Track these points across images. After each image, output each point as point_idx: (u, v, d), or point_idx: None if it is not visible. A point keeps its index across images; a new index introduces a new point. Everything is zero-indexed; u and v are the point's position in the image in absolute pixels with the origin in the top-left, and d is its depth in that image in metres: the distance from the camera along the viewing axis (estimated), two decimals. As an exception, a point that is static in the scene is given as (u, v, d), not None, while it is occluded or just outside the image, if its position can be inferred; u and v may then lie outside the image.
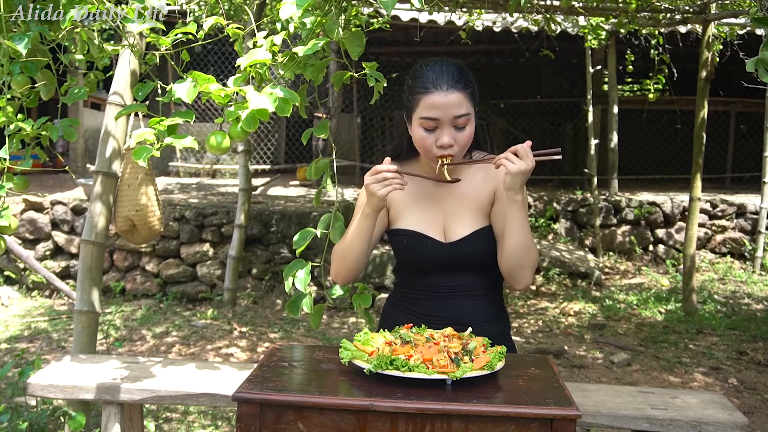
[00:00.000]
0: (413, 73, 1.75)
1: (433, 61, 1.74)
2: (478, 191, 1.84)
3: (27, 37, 1.69)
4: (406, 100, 1.75)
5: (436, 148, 1.70)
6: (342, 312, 5.58)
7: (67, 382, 2.08)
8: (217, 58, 9.02)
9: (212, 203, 6.21)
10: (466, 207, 1.84)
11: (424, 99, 1.68)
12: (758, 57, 1.51)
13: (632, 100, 9.71)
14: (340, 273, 1.86)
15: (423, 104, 1.68)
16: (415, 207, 1.84)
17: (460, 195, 1.84)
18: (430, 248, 1.78)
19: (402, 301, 1.91)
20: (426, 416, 1.38)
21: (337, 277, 1.88)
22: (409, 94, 1.73)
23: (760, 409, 3.73)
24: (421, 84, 1.69)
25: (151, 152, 1.63)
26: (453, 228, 1.83)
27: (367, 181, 1.66)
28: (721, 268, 6.82)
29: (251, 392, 1.42)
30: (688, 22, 5.78)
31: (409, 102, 1.73)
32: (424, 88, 1.69)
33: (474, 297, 1.83)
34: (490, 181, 1.85)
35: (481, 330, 1.75)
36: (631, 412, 1.93)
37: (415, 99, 1.70)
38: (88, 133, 8.09)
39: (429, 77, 1.69)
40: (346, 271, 1.84)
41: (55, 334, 4.75)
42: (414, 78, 1.73)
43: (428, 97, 1.68)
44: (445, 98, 1.67)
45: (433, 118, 1.68)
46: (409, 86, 1.74)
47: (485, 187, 1.85)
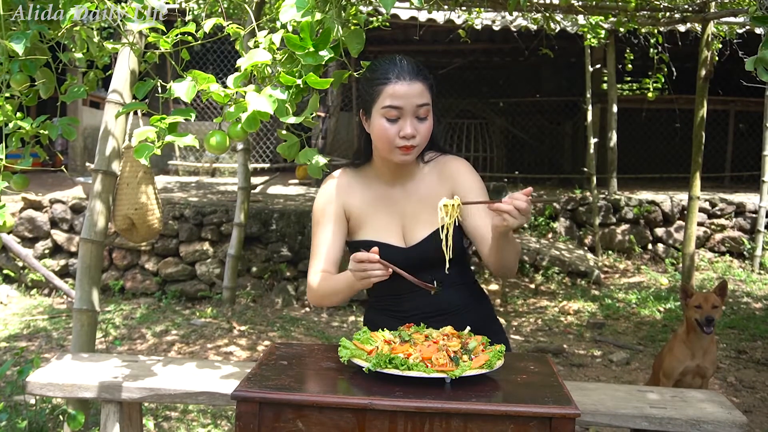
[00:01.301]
0: (371, 67, 1.77)
1: (390, 56, 1.76)
2: (433, 191, 1.84)
3: (25, 37, 1.69)
4: (364, 94, 1.75)
5: (399, 138, 1.70)
6: (341, 311, 5.58)
7: (66, 381, 2.08)
8: (216, 56, 9.02)
9: (211, 202, 6.21)
10: (423, 209, 1.84)
11: (386, 89, 1.69)
12: (757, 56, 1.52)
13: (631, 98, 9.70)
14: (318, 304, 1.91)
15: (385, 94, 1.69)
16: (374, 215, 1.86)
17: (416, 197, 1.86)
18: (391, 255, 1.71)
19: (383, 305, 1.92)
20: (425, 415, 1.38)
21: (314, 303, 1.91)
22: (369, 87, 1.73)
23: (758, 407, 3.74)
24: (382, 75, 1.71)
25: (152, 150, 1.63)
26: (412, 231, 1.84)
27: (352, 267, 1.64)
28: (720, 267, 6.83)
29: (250, 391, 1.42)
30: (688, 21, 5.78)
31: (369, 95, 1.73)
32: (386, 79, 1.70)
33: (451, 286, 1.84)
34: (445, 181, 1.86)
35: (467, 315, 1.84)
36: (630, 411, 1.94)
37: (377, 90, 1.71)
38: (87, 131, 8.08)
39: (390, 69, 1.71)
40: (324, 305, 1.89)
41: (55, 333, 4.75)
42: (373, 71, 1.75)
43: (391, 86, 1.69)
44: (408, 87, 1.69)
45: (396, 107, 1.68)
46: (368, 79, 1.75)
47: (441, 187, 1.85)
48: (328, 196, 1.87)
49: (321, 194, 1.88)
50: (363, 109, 1.78)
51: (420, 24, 7.04)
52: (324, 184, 1.91)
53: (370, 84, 1.73)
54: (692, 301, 3.09)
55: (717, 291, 3.12)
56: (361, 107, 1.78)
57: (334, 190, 1.88)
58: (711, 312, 3.03)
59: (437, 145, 1.90)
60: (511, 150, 10.12)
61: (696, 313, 3.05)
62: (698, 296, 3.11)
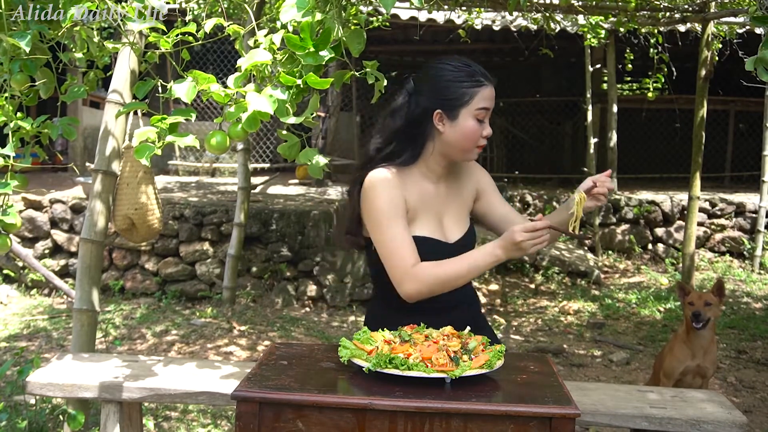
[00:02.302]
0: (451, 68, 1.82)
1: (464, 58, 1.85)
2: (462, 190, 1.97)
3: (27, 36, 1.69)
4: (448, 95, 1.80)
5: (481, 138, 1.83)
6: (342, 311, 5.58)
7: (66, 381, 2.08)
8: (216, 56, 9.02)
9: (211, 202, 6.21)
10: (456, 206, 1.95)
11: (481, 91, 1.80)
12: (757, 56, 1.52)
13: (631, 98, 9.71)
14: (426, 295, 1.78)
15: (481, 96, 1.80)
16: (422, 211, 1.88)
17: (452, 195, 1.95)
18: (439, 250, 1.83)
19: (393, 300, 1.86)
20: (425, 415, 1.38)
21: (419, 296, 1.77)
22: (457, 89, 1.79)
23: (758, 407, 3.74)
24: (472, 77, 1.80)
25: (152, 150, 1.63)
26: (450, 228, 1.92)
27: (521, 238, 1.67)
28: (720, 267, 6.83)
29: (250, 391, 1.43)
30: (688, 21, 5.78)
31: (458, 96, 1.79)
32: (479, 82, 1.80)
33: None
34: (469, 178, 2.00)
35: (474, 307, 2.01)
36: (630, 411, 1.94)
37: (471, 92, 1.79)
38: (87, 131, 8.08)
39: (479, 71, 1.81)
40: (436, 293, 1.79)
41: (55, 333, 4.75)
42: (459, 71, 1.81)
43: (485, 89, 1.80)
44: (492, 91, 1.83)
45: (487, 108, 1.81)
46: (453, 81, 1.80)
47: (469, 183, 1.99)
48: (391, 190, 1.80)
49: (381, 189, 1.80)
50: (442, 109, 1.80)
51: (420, 24, 7.04)
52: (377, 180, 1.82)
53: (458, 86, 1.79)
54: (688, 298, 3.11)
55: (714, 290, 3.12)
56: (439, 108, 1.80)
57: (395, 185, 1.82)
58: (702, 309, 3.03)
59: None
60: (511, 150, 10.12)
61: (689, 310, 3.07)
62: (693, 294, 3.12)
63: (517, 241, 1.68)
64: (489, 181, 2.03)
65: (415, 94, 1.86)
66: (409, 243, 1.78)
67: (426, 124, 1.83)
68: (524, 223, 1.72)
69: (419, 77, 1.89)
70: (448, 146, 1.84)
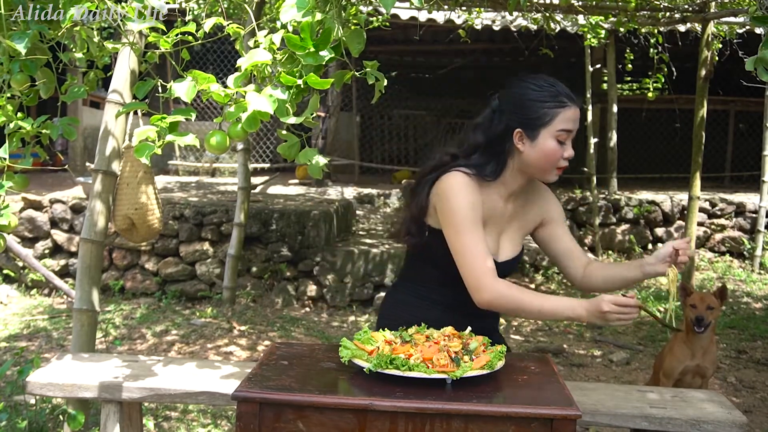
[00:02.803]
0: (534, 87, 1.81)
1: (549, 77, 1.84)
2: (528, 213, 1.98)
3: (27, 36, 1.69)
4: (530, 114, 1.79)
5: (562, 160, 1.81)
6: (342, 311, 5.58)
7: (66, 381, 2.08)
8: (216, 56, 9.02)
9: (211, 202, 6.21)
10: (516, 227, 1.96)
11: (564, 112, 1.78)
12: (757, 56, 1.51)
13: (631, 98, 9.70)
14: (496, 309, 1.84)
15: (563, 117, 1.78)
16: (488, 225, 1.88)
17: (515, 214, 1.95)
18: None
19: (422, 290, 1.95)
20: (426, 416, 1.38)
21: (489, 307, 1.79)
22: (539, 108, 1.78)
23: (758, 407, 3.74)
24: (555, 98, 1.79)
25: (153, 149, 1.63)
26: (504, 247, 1.94)
27: (607, 309, 1.67)
28: (720, 267, 6.83)
29: (251, 391, 1.42)
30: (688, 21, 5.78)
31: (540, 116, 1.78)
32: (562, 103, 1.79)
33: None
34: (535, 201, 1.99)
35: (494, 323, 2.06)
36: (630, 411, 1.94)
37: (553, 113, 1.78)
38: (87, 131, 8.08)
39: (563, 92, 1.81)
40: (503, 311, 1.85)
41: (55, 333, 4.75)
42: (542, 91, 1.80)
43: (567, 110, 1.79)
44: (577, 113, 1.81)
45: (569, 130, 1.79)
46: (539, 101, 1.79)
47: (533, 210, 1.99)
48: (473, 195, 1.81)
49: (465, 193, 1.80)
50: (523, 128, 1.80)
51: (420, 24, 7.04)
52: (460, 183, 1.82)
53: (540, 106, 1.78)
54: (689, 299, 3.09)
55: (716, 293, 3.10)
56: (520, 127, 1.80)
57: (476, 190, 1.83)
58: (704, 313, 3.01)
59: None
60: (510, 150, 10.10)
61: (691, 312, 3.06)
62: (695, 295, 3.10)
63: (603, 311, 1.67)
64: (559, 212, 2.03)
65: (499, 112, 1.85)
66: (488, 251, 1.79)
67: (507, 142, 1.83)
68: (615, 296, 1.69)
69: (503, 94, 1.88)
70: (527, 165, 1.84)
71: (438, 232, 1.85)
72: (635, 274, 1.90)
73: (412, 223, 1.90)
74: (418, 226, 1.89)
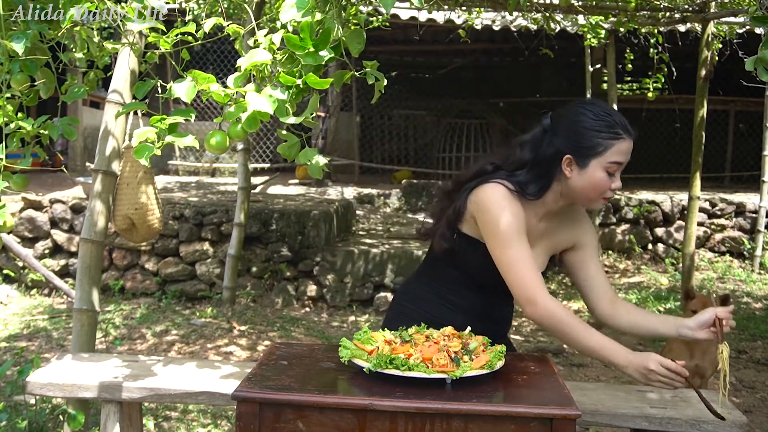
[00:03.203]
0: (594, 115, 1.77)
1: (605, 105, 1.81)
2: (559, 235, 1.95)
3: (26, 37, 1.69)
4: (583, 142, 1.76)
5: (609, 191, 1.79)
6: (342, 311, 5.58)
7: (66, 381, 2.08)
8: (216, 56, 9.02)
9: (211, 202, 6.21)
10: (543, 246, 1.93)
11: (618, 145, 1.75)
12: (757, 56, 1.51)
13: (631, 98, 9.70)
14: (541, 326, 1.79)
15: (616, 149, 1.75)
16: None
17: (546, 234, 1.92)
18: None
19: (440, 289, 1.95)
20: (425, 415, 1.38)
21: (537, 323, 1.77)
22: (594, 137, 1.75)
23: (758, 407, 3.74)
24: (613, 129, 1.75)
25: (152, 150, 1.63)
26: None
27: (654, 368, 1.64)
28: (720, 267, 6.83)
29: (251, 391, 1.42)
30: (688, 21, 5.78)
31: (594, 145, 1.75)
32: (617, 134, 1.75)
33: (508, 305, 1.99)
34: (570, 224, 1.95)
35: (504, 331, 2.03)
36: (629, 411, 1.94)
37: (607, 144, 1.74)
38: (87, 131, 8.08)
39: (619, 122, 1.76)
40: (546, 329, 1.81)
41: (55, 333, 4.75)
42: (599, 120, 1.76)
43: (622, 143, 1.75)
44: (630, 145, 1.78)
45: (620, 163, 1.76)
46: (594, 130, 1.75)
47: (565, 233, 1.95)
48: (515, 207, 1.79)
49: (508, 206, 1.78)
50: (573, 155, 1.77)
51: (420, 24, 7.04)
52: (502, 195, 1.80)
53: (594, 135, 1.75)
54: (691, 304, 3.02)
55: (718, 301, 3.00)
56: (570, 153, 1.77)
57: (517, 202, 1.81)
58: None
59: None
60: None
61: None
62: (698, 301, 3.02)
63: (650, 369, 1.64)
64: (591, 240, 1.99)
65: (550, 133, 1.82)
66: (534, 263, 1.78)
67: (555, 166, 1.80)
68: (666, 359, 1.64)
69: (557, 115, 1.85)
70: (572, 191, 1.81)
71: (468, 238, 1.85)
72: (668, 331, 1.84)
73: (447, 227, 1.88)
74: (452, 231, 1.87)
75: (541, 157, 1.81)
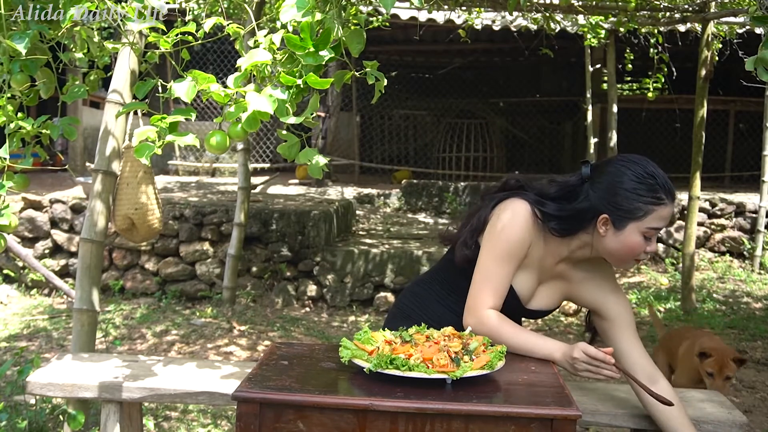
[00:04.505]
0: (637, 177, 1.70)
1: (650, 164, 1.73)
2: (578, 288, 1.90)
3: (27, 36, 1.69)
4: (625, 204, 1.69)
5: (643, 253, 1.72)
6: (341, 311, 5.58)
7: (66, 381, 2.07)
8: (216, 56, 9.02)
9: (211, 202, 6.21)
10: (558, 287, 1.90)
11: (659, 211, 1.69)
12: (757, 56, 1.51)
13: (631, 98, 9.71)
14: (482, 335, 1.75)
15: (656, 215, 1.69)
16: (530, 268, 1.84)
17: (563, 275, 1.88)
18: (513, 306, 1.83)
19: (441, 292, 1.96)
20: (426, 416, 1.38)
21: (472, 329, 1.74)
22: (636, 201, 1.68)
23: (758, 407, 3.73)
24: (656, 194, 1.69)
25: (153, 150, 1.63)
26: (538, 298, 1.90)
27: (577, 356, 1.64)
28: (720, 267, 6.83)
29: (251, 391, 1.42)
30: (688, 21, 5.78)
31: (634, 209, 1.69)
32: (659, 200, 1.69)
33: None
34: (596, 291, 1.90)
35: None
36: (630, 411, 1.94)
37: (648, 209, 1.68)
38: (87, 131, 8.08)
39: (662, 186, 1.70)
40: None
41: (55, 333, 4.75)
42: (641, 183, 1.69)
43: (663, 209, 1.70)
44: (672, 210, 1.72)
45: (659, 228, 1.70)
46: (636, 193, 1.69)
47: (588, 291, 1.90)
48: (527, 233, 1.76)
49: (521, 227, 1.75)
50: (610, 216, 1.70)
51: (420, 24, 7.04)
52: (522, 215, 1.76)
53: (636, 198, 1.68)
54: (706, 364, 2.83)
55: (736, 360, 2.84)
56: (607, 213, 1.71)
57: (533, 232, 1.77)
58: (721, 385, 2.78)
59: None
60: (511, 150, 10.12)
61: (706, 379, 2.83)
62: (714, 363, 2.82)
63: (574, 357, 1.64)
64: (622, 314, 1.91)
65: (589, 184, 1.75)
66: (504, 288, 1.77)
67: (587, 219, 1.74)
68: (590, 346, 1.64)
69: (598, 168, 1.77)
70: (604, 250, 1.76)
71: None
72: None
73: (470, 234, 1.85)
74: (474, 240, 1.84)
75: (576, 207, 1.75)
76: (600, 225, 1.72)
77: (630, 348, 1.87)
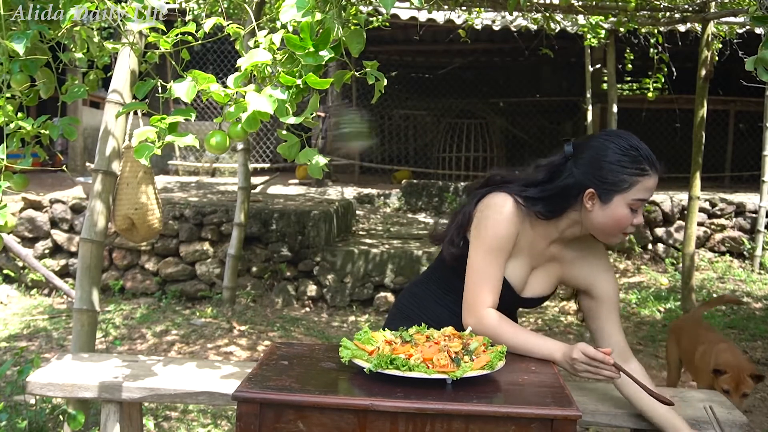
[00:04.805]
0: (620, 149, 1.71)
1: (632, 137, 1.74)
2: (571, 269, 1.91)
3: (26, 37, 1.69)
4: (609, 177, 1.70)
5: (630, 226, 1.74)
6: (342, 311, 5.58)
7: (66, 381, 2.07)
8: (216, 56, 9.02)
9: (211, 202, 6.21)
10: (552, 270, 1.90)
11: (643, 181, 1.70)
12: (757, 56, 1.51)
13: (631, 98, 9.71)
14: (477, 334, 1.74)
15: (641, 186, 1.70)
16: (521, 257, 1.84)
17: (556, 258, 1.89)
18: (507, 296, 1.83)
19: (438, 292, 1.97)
20: (426, 416, 1.38)
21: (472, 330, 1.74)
22: (620, 173, 1.70)
23: (758, 407, 3.74)
24: (640, 165, 1.70)
25: (152, 150, 1.63)
26: (532, 284, 1.90)
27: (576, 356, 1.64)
28: (720, 267, 6.83)
29: (251, 391, 1.42)
30: (688, 21, 5.78)
31: (619, 181, 1.70)
32: (643, 171, 1.70)
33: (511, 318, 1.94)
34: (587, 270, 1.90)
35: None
36: (630, 411, 1.93)
37: (633, 180, 1.70)
38: (87, 131, 8.08)
39: (645, 157, 1.71)
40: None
41: (55, 333, 4.75)
42: (624, 155, 1.71)
43: (648, 180, 1.71)
44: (656, 181, 1.73)
45: (644, 200, 1.72)
46: (620, 165, 1.70)
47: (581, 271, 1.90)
48: (512, 226, 1.77)
49: (506, 219, 1.76)
50: (596, 190, 1.72)
51: (420, 24, 7.04)
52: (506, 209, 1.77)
53: (620, 171, 1.70)
54: (722, 380, 2.79)
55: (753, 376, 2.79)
56: (593, 187, 1.72)
57: (518, 222, 1.79)
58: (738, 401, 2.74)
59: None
60: (511, 150, 10.12)
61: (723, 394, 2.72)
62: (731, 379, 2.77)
63: (573, 358, 1.65)
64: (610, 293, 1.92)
65: (572, 162, 1.77)
66: (498, 283, 1.78)
67: (573, 196, 1.76)
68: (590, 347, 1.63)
69: (580, 144, 1.80)
70: (591, 225, 1.77)
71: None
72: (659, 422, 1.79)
73: (456, 232, 1.87)
74: (460, 237, 1.85)
75: (560, 187, 1.76)
76: (586, 200, 1.74)
77: (611, 327, 1.92)
